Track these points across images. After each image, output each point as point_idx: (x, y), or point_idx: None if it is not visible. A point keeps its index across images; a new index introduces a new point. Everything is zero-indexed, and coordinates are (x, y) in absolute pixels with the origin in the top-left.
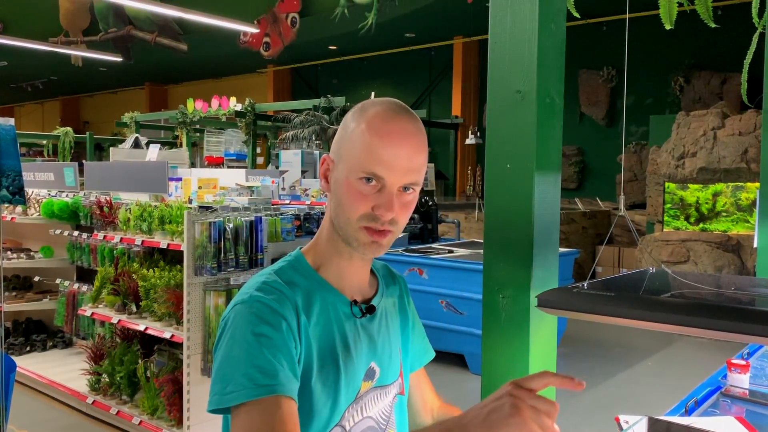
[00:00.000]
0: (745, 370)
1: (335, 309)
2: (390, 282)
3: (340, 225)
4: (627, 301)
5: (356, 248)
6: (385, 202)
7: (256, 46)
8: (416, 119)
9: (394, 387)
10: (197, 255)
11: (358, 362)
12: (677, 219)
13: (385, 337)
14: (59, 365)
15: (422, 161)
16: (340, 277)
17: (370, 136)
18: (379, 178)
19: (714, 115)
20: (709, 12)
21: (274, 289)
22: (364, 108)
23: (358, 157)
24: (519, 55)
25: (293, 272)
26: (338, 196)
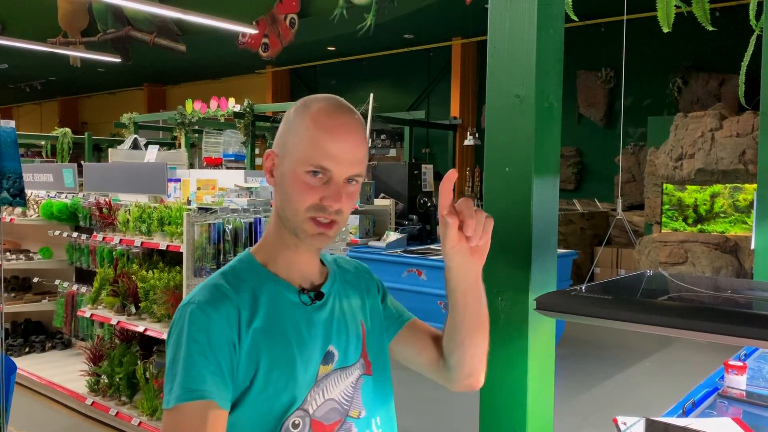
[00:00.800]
0: (742, 372)
1: (284, 299)
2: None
3: (287, 217)
4: (625, 305)
5: (303, 239)
6: (333, 193)
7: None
8: (357, 114)
9: (356, 368)
10: (196, 256)
11: (312, 347)
12: (675, 220)
13: (341, 321)
14: (58, 366)
15: (364, 153)
16: (288, 269)
17: (316, 131)
18: (326, 171)
19: (712, 116)
20: (707, 14)
21: (216, 292)
22: (307, 104)
23: (306, 151)
24: (518, 59)
25: (241, 270)
26: (285, 189)
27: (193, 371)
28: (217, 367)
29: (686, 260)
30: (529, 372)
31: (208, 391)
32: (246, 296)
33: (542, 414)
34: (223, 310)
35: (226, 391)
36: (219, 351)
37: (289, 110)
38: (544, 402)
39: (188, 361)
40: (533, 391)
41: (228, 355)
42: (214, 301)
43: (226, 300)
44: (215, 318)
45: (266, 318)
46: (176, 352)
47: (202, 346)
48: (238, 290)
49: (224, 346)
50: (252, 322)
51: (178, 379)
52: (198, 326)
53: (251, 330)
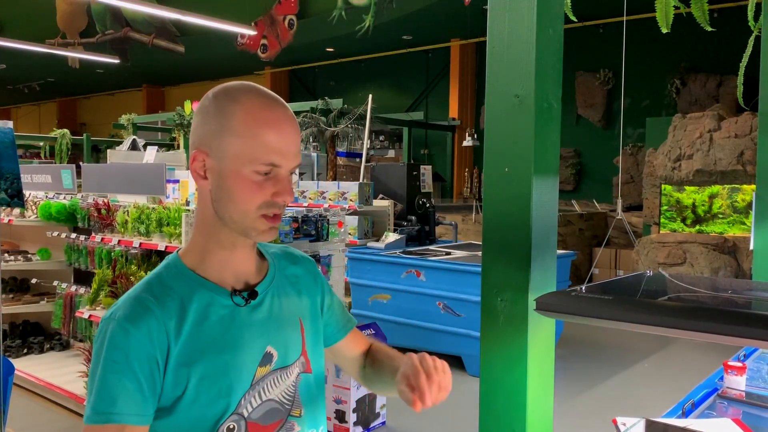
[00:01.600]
0: (741, 372)
1: (215, 304)
2: (290, 263)
3: (233, 218)
4: (624, 305)
5: (254, 237)
6: (284, 188)
7: (253, 48)
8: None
9: (296, 366)
10: None
11: (248, 349)
12: (674, 221)
13: (280, 319)
14: (56, 367)
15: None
16: (221, 270)
17: (259, 127)
18: (275, 166)
19: (710, 117)
20: (705, 15)
21: (138, 306)
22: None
23: (251, 149)
24: (517, 59)
25: (168, 277)
26: (229, 190)
27: (104, 392)
28: (135, 384)
29: (685, 261)
30: (529, 372)
31: (117, 414)
32: (172, 307)
33: (542, 414)
34: (143, 326)
35: (145, 406)
36: (138, 368)
37: (204, 104)
38: (543, 402)
39: (102, 382)
40: (533, 392)
41: (149, 371)
42: (135, 316)
43: (149, 314)
44: (135, 335)
45: (195, 327)
46: (95, 368)
47: (119, 365)
48: (164, 302)
49: (144, 362)
50: (180, 333)
51: (91, 399)
52: (116, 344)
53: (180, 341)
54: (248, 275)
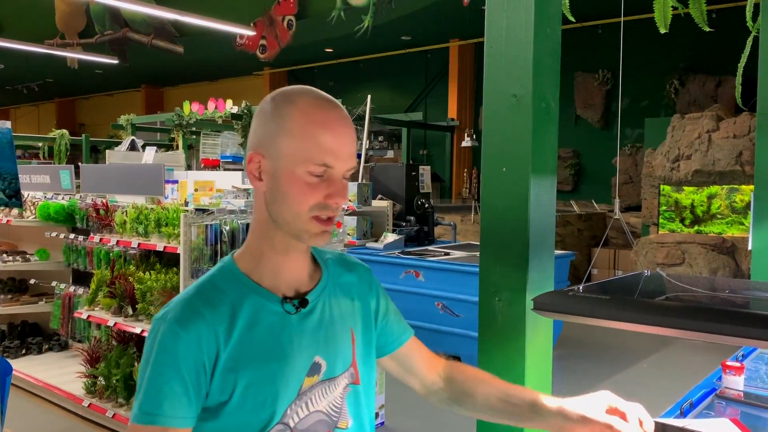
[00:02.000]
0: (739, 372)
1: (266, 310)
2: (345, 270)
3: (286, 220)
4: (622, 305)
5: (306, 240)
6: (338, 190)
7: (252, 48)
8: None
9: (344, 377)
10: (194, 258)
11: (296, 359)
12: (672, 221)
13: (330, 328)
14: (55, 368)
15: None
16: (275, 275)
17: (314, 127)
18: (328, 167)
19: (709, 118)
20: (704, 16)
21: (190, 310)
22: (291, 100)
23: (305, 149)
24: (515, 59)
25: (221, 280)
26: (281, 191)
27: (154, 394)
28: (182, 387)
29: (683, 261)
30: (527, 372)
31: (163, 416)
32: (223, 312)
33: None
34: (194, 330)
35: (189, 410)
36: (186, 371)
37: (263, 107)
38: None
39: (151, 383)
40: None
41: (195, 375)
42: (186, 320)
43: (200, 319)
44: (185, 339)
45: (244, 333)
46: (145, 367)
47: (167, 367)
48: (216, 306)
49: (191, 367)
50: (229, 338)
51: (140, 398)
52: (166, 347)
53: (229, 347)
54: (301, 282)
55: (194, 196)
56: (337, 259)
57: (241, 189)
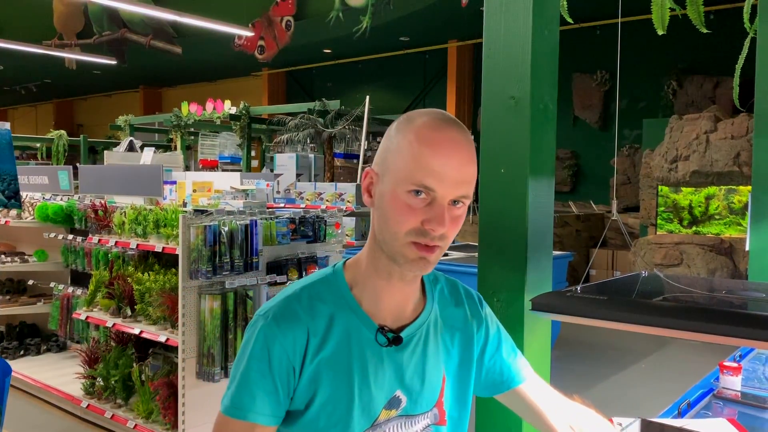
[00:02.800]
0: (737, 373)
1: (359, 334)
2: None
3: (385, 240)
4: (620, 305)
5: (402, 265)
6: (437, 216)
7: (250, 49)
8: (465, 130)
9: (426, 417)
10: (192, 258)
11: (377, 390)
12: (670, 222)
13: (420, 365)
14: (53, 369)
15: (473, 173)
16: (375, 299)
17: (419, 146)
18: (429, 190)
19: (706, 118)
20: (701, 17)
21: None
22: (411, 119)
23: (407, 169)
24: (513, 61)
25: (325, 288)
26: (384, 210)
27: (246, 389)
28: (272, 386)
29: (681, 262)
30: None
31: (253, 412)
32: (321, 322)
33: None
34: (290, 333)
35: (278, 408)
36: (278, 372)
37: (391, 125)
38: None
39: (244, 377)
40: None
41: (286, 377)
42: (284, 321)
43: (298, 322)
44: (280, 340)
45: (335, 351)
46: (240, 360)
47: (262, 365)
48: (314, 314)
49: (284, 368)
50: (320, 351)
51: (232, 391)
52: (263, 344)
53: (317, 359)
54: (402, 311)
55: (192, 196)
56: (447, 288)
57: (239, 189)
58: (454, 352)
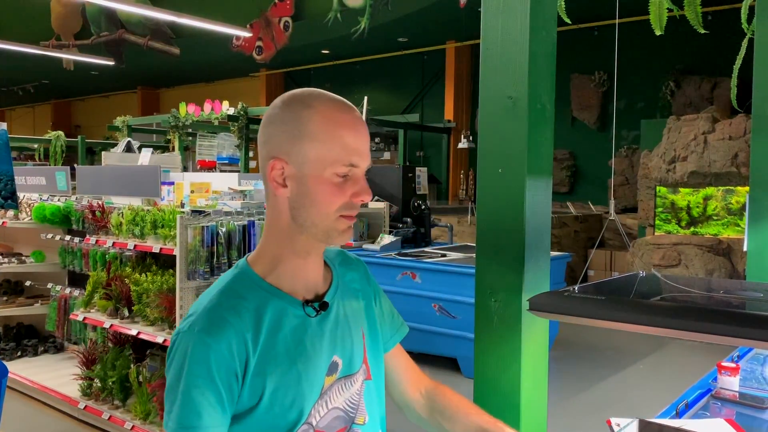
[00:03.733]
0: (735, 373)
1: (288, 314)
2: (348, 269)
3: (314, 223)
4: (617, 305)
5: (335, 238)
6: (363, 188)
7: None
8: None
9: (360, 374)
10: (190, 259)
11: (318, 360)
12: (668, 223)
13: (345, 327)
14: (51, 370)
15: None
16: (293, 279)
17: (339, 130)
18: (354, 167)
19: (704, 119)
20: (699, 18)
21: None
22: (306, 103)
23: (333, 153)
24: (510, 61)
25: (240, 286)
26: (309, 195)
27: (190, 407)
28: (217, 396)
29: (679, 263)
30: (523, 373)
31: (202, 428)
32: (249, 318)
33: (536, 415)
34: (224, 339)
35: (224, 417)
36: (220, 381)
37: (274, 113)
38: (537, 403)
39: (186, 396)
40: (527, 392)
41: (228, 384)
42: (214, 329)
43: (228, 327)
44: (216, 348)
45: (270, 338)
46: (176, 380)
47: (202, 379)
48: (240, 313)
49: (224, 375)
50: (257, 344)
51: (176, 412)
52: (198, 359)
53: (257, 353)
54: (317, 284)
55: (190, 197)
56: (339, 257)
57: (237, 190)
58: (362, 310)
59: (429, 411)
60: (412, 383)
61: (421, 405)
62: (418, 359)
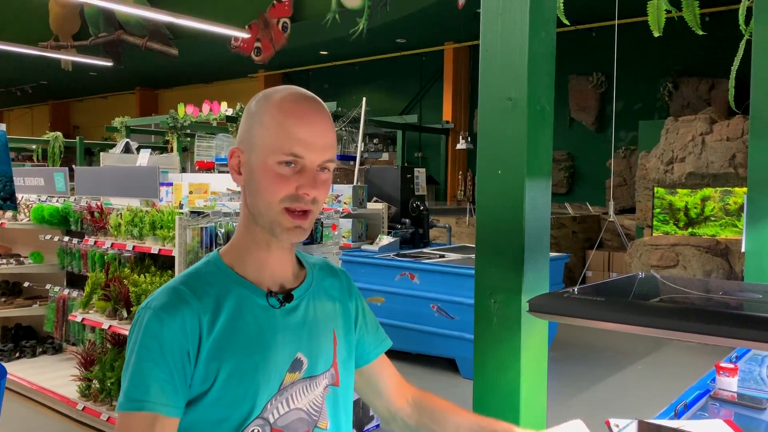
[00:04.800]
0: (733, 374)
1: (250, 302)
2: (328, 275)
3: (260, 212)
4: (617, 306)
5: (279, 234)
6: (309, 180)
7: (247, 51)
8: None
9: (325, 377)
10: (189, 260)
11: (279, 353)
12: (666, 223)
13: (313, 327)
14: (49, 371)
15: (334, 139)
16: (259, 270)
17: (284, 118)
18: (298, 158)
19: (702, 120)
20: (697, 19)
21: (175, 297)
22: (268, 96)
23: (276, 140)
24: (510, 62)
25: (207, 274)
26: (256, 183)
27: (139, 380)
28: (167, 374)
29: (677, 263)
30: (522, 374)
31: (150, 402)
32: (208, 301)
33: (535, 416)
34: (178, 316)
35: (176, 398)
36: (171, 358)
37: (248, 105)
38: (537, 404)
39: (135, 370)
40: (526, 393)
41: (180, 363)
42: (170, 306)
43: (185, 305)
44: (169, 324)
45: (228, 324)
46: (130, 356)
47: (152, 354)
48: (201, 296)
49: (176, 353)
50: (213, 328)
51: (124, 386)
52: (151, 333)
53: (212, 337)
54: (285, 279)
55: (189, 198)
56: (321, 264)
57: (235, 191)
58: (339, 316)
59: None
60: (398, 393)
61: (407, 413)
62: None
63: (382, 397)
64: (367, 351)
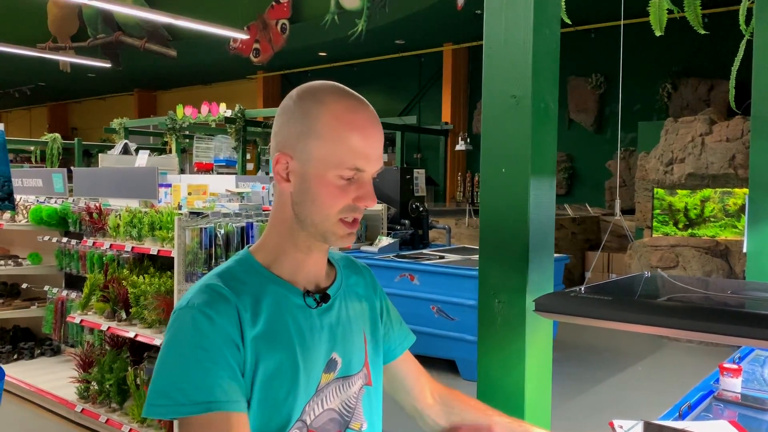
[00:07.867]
0: (737, 374)
1: (288, 302)
2: (353, 272)
3: (314, 222)
4: (625, 305)
5: (333, 242)
6: (367, 193)
7: (245, 52)
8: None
9: (359, 377)
10: (188, 261)
11: (316, 354)
12: (666, 224)
13: (347, 326)
14: (47, 373)
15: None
16: (295, 271)
17: (345, 132)
18: (359, 171)
19: (702, 121)
20: (698, 18)
21: (214, 294)
22: (319, 98)
23: (337, 155)
24: (514, 60)
25: (241, 272)
26: (312, 194)
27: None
28: (229, 370)
29: (677, 264)
30: (527, 374)
31: (217, 402)
32: (246, 299)
33: (540, 417)
34: (224, 312)
35: (242, 393)
36: (229, 353)
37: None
38: (541, 405)
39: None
40: (531, 394)
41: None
42: (214, 303)
43: (225, 301)
44: (219, 321)
45: (269, 322)
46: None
47: (210, 353)
48: (239, 293)
49: (232, 347)
50: (254, 326)
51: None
52: (202, 331)
53: (253, 335)
54: (319, 279)
55: (187, 199)
56: (345, 261)
57: (234, 192)
58: (366, 315)
59: (446, 417)
60: (425, 390)
61: (436, 411)
62: None
63: (408, 394)
64: (393, 347)
